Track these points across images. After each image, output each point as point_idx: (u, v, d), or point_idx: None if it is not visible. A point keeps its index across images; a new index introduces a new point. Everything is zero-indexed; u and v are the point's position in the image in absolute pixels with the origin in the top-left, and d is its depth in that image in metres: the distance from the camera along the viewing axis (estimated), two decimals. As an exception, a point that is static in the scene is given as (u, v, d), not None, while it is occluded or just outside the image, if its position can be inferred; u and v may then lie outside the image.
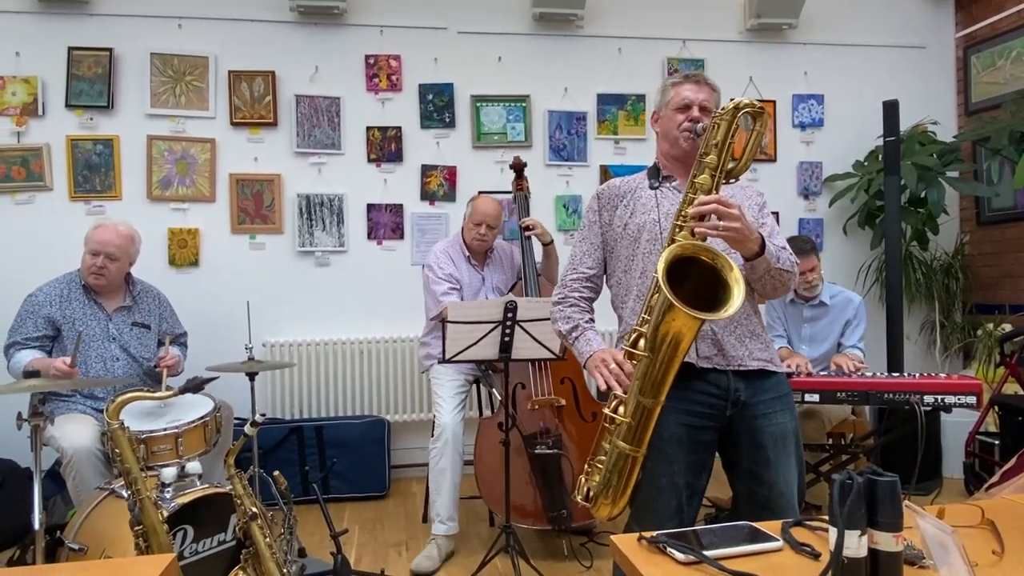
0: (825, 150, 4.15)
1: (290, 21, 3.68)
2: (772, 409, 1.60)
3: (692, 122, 1.67)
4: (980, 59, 4.14)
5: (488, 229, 2.95)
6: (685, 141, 1.68)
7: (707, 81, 1.74)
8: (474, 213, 2.97)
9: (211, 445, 2.40)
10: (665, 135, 1.74)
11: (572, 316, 1.73)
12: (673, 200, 1.66)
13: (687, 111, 1.69)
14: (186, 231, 3.58)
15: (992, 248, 4.12)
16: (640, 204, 1.71)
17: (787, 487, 1.56)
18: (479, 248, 3.01)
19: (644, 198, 1.71)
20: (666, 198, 1.69)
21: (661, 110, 1.77)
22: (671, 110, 1.72)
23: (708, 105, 1.70)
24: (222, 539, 2.11)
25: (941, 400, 2.48)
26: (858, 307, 3.06)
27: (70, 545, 2.00)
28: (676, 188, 1.70)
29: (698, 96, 1.70)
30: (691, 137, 1.66)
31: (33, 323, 2.63)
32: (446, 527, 2.70)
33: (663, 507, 1.54)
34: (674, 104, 1.71)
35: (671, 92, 1.73)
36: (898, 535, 0.96)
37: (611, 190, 1.77)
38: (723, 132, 1.50)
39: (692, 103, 1.69)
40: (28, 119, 3.44)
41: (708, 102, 1.70)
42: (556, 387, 2.82)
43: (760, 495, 1.56)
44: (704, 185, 1.49)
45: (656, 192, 1.71)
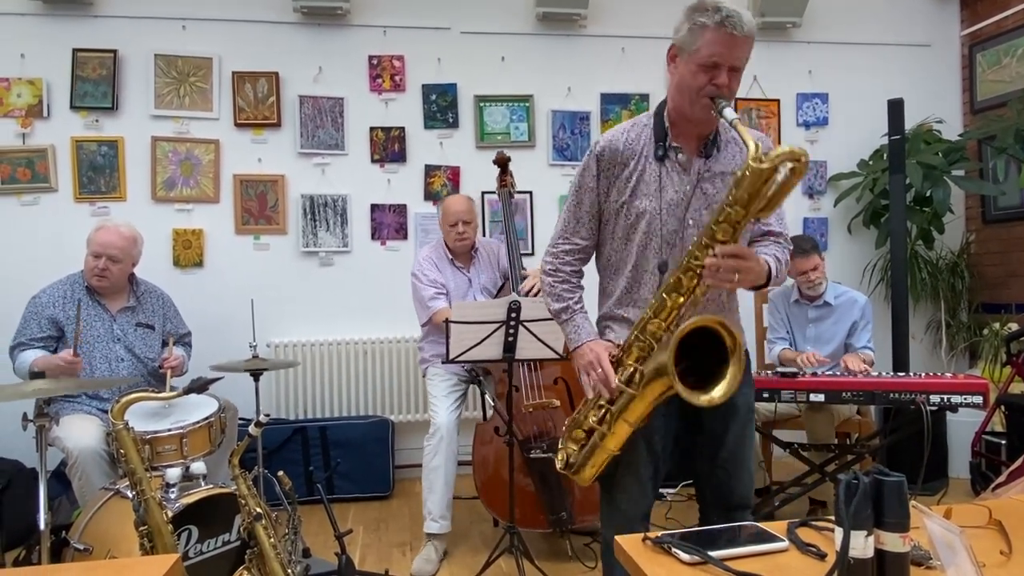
0: (830, 149, 4.14)
1: (293, 22, 3.69)
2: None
3: (716, 87, 1.44)
4: (985, 57, 4.12)
5: (464, 225, 2.90)
6: (702, 109, 1.46)
7: (744, 29, 1.42)
8: (446, 214, 2.93)
9: (215, 445, 2.41)
10: (680, 89, 1.50)
11: (563, 295, 1.66)
12: (677, 186, 1.54)
13: (713, 72, 1.43)
14: (190, 232, 3.59)
15: (998, 247, 4.10)
16: (643, 183, 1.55)
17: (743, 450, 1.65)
18: (462, 248, 2.96)
19: (648, 174, 1.55)
20: (671, 180, 1.54)
21: (682, 52, 1.48)
22: (695, 63, 1.44)
23: (740, 63, 1.45)
24: (226, 539, 2.11)
25: (947, 400, 2.46)
26: (864, 307, 3.04)
27: (75, 545, 2.01)
28: (682, 165, 1.55)
29: (731, 55, 1.43)
30: (709, 108, 1.44)
31: (37, 324, 2.64)
32: (439, 525, 2.70)
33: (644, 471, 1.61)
34: (699, 58, 1.43)
35: (699, 37, 1.43)
36: (905, 535, 0.95)
37: (612, 152, 1.57)
38: (756, 187, 1.32)
39: (722, 64, 1.43)
40: (33, 120, 3.45)
41: (741, 61, 1.44)
42: (549, 388, 2.80)
43: (720, 456, 1.64)
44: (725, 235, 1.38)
45: (661, 168, 1.55)
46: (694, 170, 1.56)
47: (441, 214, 2.99)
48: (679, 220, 1.55)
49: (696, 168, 1.56)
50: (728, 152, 1.59)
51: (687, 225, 1.55)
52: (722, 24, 1.41)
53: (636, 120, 1.63)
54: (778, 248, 1.63)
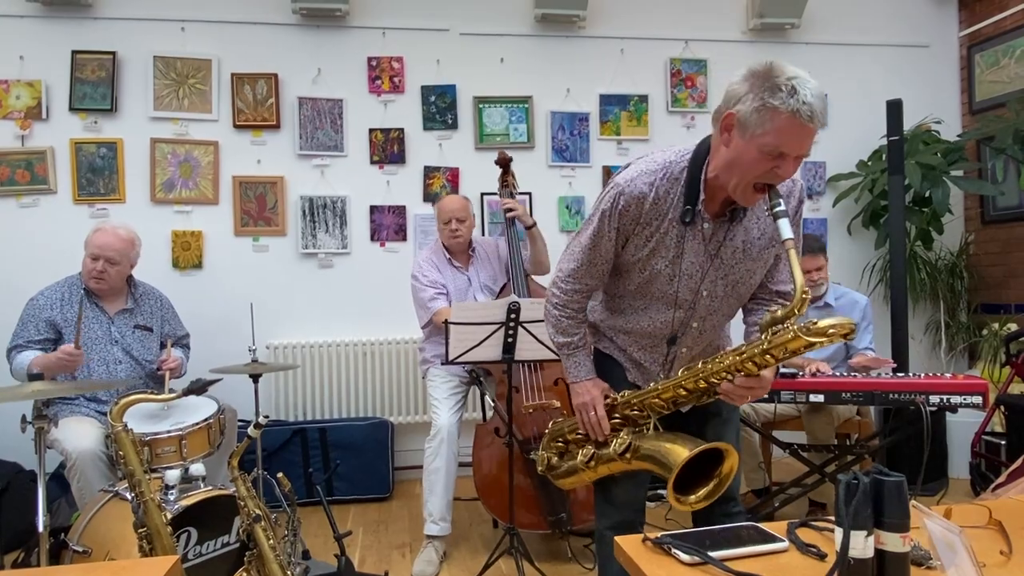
0: (829, 150, 4.13)
1: (292, 23, 3.69)
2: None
3: (777, 175, 1.33)
4: (984, 58, 4.12)
5: (458, 223, 2.92)
6: (750, 197, 1.37)
7: (822, 121, 1.28)
8: (440, 213, 2.96)
9: (215, 447, 2.40)
10: (732, 166, 1.36)
11: (568, 330, 1.65)
12: (697, 249, 1.48)
13: (777, 160, 1.31)
14: (189, 233, 3.58)
15: (997, 247, 4.10)
16: (663, 245, 1.48)
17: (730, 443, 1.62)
18: (457, 246, 2.98)
19: (669, 236, 1.47)
20: (691, 247, 1.48)
21: (746, 132, 1.31)
22: (757, 148, 1.30)
23: (805, 155, 1.35)
24: (226, 541, 2.10)
25: (946, 400, 2.47)
26: (864, 308, 3.04)
27: (74, 547, 2.00)
28: (703, 235, 1.48)
29: (800, 147, 1.31)
30: (762, 198, 1.36)
31: (35, 326, 2.63)
32: (439, 527, 2.69)
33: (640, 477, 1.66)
34: (765, 143, 1.29)
35: (768, 120, 1.28)
36: (905, 535, 0.95)
37: (635, 208, 1.46)
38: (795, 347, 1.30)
39: (787, 155, 1.31)
40: (32, 122, 3.45)
41: (808, 151, 1.35)
42: (549, 388, 2.80)
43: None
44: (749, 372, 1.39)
45: (685, 232, 1.47)
46: (716, 239, 1.49)
47: (436, 212, 3.02)
48: (693, 290, 1.53)
49: (718, 236, 1.49)
50: (752, 215, 1.50)
51: (701, 296, 1.54)
52: (797, 113, 1.25)
53: (668, 168, 1.47)
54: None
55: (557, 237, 3.81)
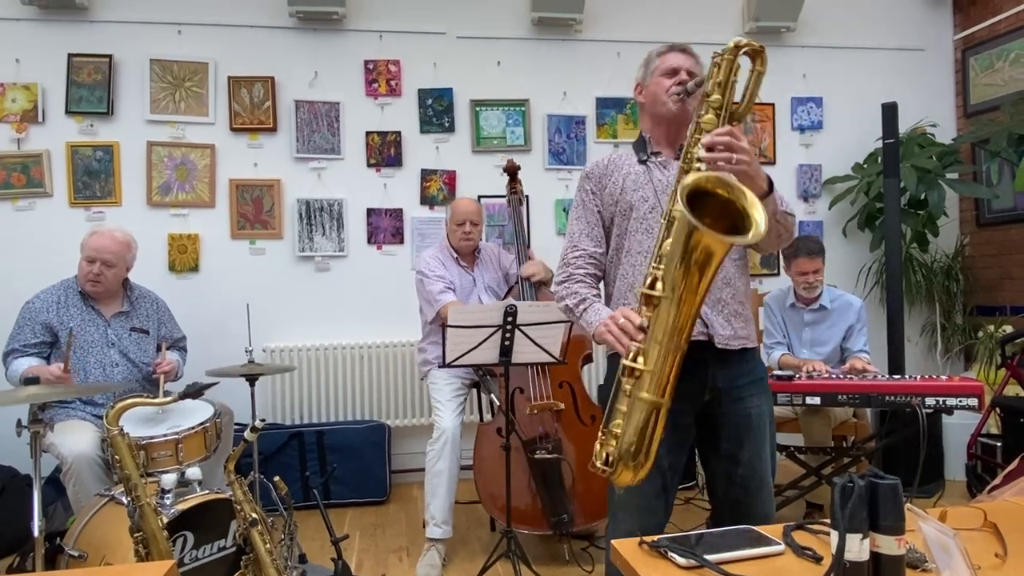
0: (824, 153, 4.15)
1: (289, 27, 3.69)
2: (748, 393, 1.63)
3: (680, 84, 1.64)
4: (978, 61, 4.14)
5: (472, 226, 2.98)
6: (674, 103, 1.65)
7: (691, 51, 1.72)
8: (455, 214, 3.00)
9: (211, 451, 2.40)
10: (652, 102, 1.70)
11: (578, 291, 1.65)
12: (662, 175, 1.66)
13: (675, 75, 1.67)
14: (186, 237, 3.58)
15: (992, 250, 4.11)
16: (630, 180, 1.68)
17: (761, 465, 1.61)
18: (466, 248, 3.03)
19: (633, 174, 1.69)
20: (655, 174, 1.67)
21: (646, 80, 1.73)
22: (657, 76, 1.69)
23: (695, 72, 1.68)
24: (222, 545, 2.09)
25: (942, 402, 2.48)
26: (859, 311, 3.05)
27: (70, 552, 2.00)
28: (663, 163, 1.68)
29: (685, 63, 1.68)
30: (680, 98, 1.63)
31: (31, 330, 2.63)
32: (441, 531, 2.69)
33: (649, 488, 1.53)
34: (660, 70, 1.68)
35: (655, 61, 1.71)
36: (900, 538, 0.96)
37: (599, 169, 1.74)
38: (725, 72, 1.46)
39: (680, 68, 1.67)
40: (28, 126, 3.44)
41: (695, 69, 1.68)
42: (555, 391, 2.81)
43: (737, 474, 1.60)
44: (708, 125, 1.45)
45: (645, 168, 1.69)
46: (673, 167, 1.65)
47: (450, 213, 3.05)
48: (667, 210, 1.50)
49: (675, 165, 1.61)
50: None
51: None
52: (671, 48, 1.70)
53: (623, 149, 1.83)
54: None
55: (554, 240, 3.82)
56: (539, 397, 2.78)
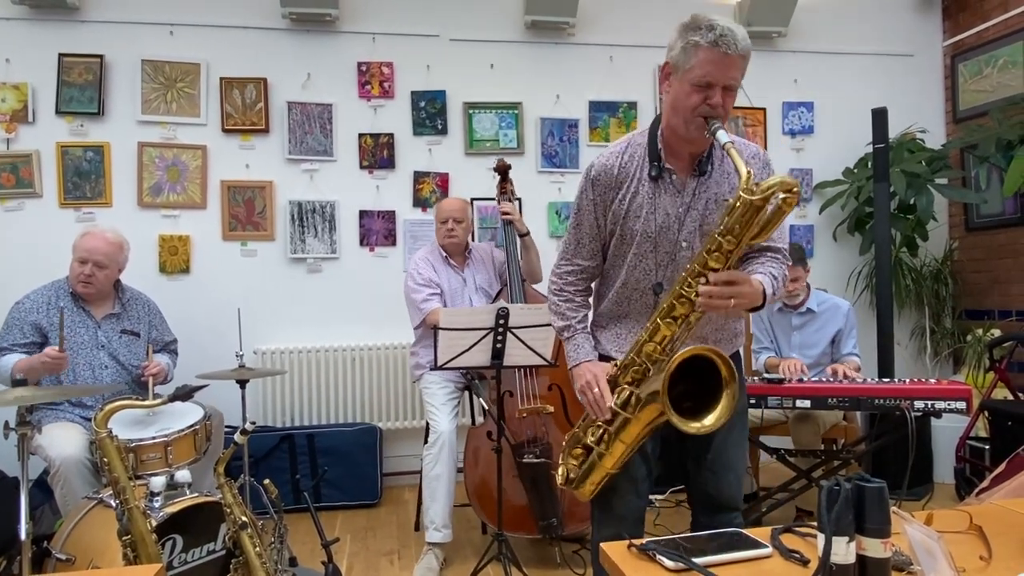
0: (815, 157, 4.17)
1: (282, 28, 3.68)
2: None
3: (710, 107, 1.43)
4: (967, 67, 4.18)
5: (455, 223, 2.98)
6: (696, 129, 1.46)
7: (739, 49, 1.41)
8: (439, 213, 3.04)
9: (201, 453, 2.39)
10: (674, 108, 1.49)
11: (566, 313, 1.69)
12: (668, 207, 1.56)
13: (707, 91, 1.43)
14: (177, 238, 3.56)
15: (981, 254, 4.15)
16: (636, 205, 1.56)
17: (726, 450, 1.66)
18: (452, 247, 3.02)
19: (641, 196, 1.56)
20: (663, 202, 1.56)
21: (677, 71, 1.46)
22: (688, 83, 1.44)
23: (734, 83, 1.44)
24: (212, 548, 2.08)
25: (931, 405, 2.49)
26: (848, 314, 3.05)
27: (57, 555, 1.98)
28: (675, 188, 1.56)
29: (725, 75, 1.42)
30: (704, 127, 1.44)
31: (20, 330, 2.61)
32: (442, 535, 2.68)
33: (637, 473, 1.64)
34: (693, 77, 1.42)
35: (693, 56, 1.42)
36: (886, 541, 0.97)
37: (606, 176, 1.58)
38: (749, 215, 1.34)
39: (715, 85, 1.42)
40: (18, 126, 3.42)
41: (735, 80, 1.44)
42: (544, 394, 2.80)
43: (705, 458, 1.66)
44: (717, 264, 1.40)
45: (654, 189, 1.56)
46: (688, 191, 1.56)
47: (435, 213, 3.08)
48: (672, 242, 1.57)
49: (690, 189, 1.56)
50: (722, 170, 1.58)
51: (680, 247, 1.57)
52: (716, 44, 1.40)
53: (631, 139, 1.62)
54: (775, 265, 1.59)
55: (547, 243, 3.81)
56: (528, 400, 2.77)
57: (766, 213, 1.35)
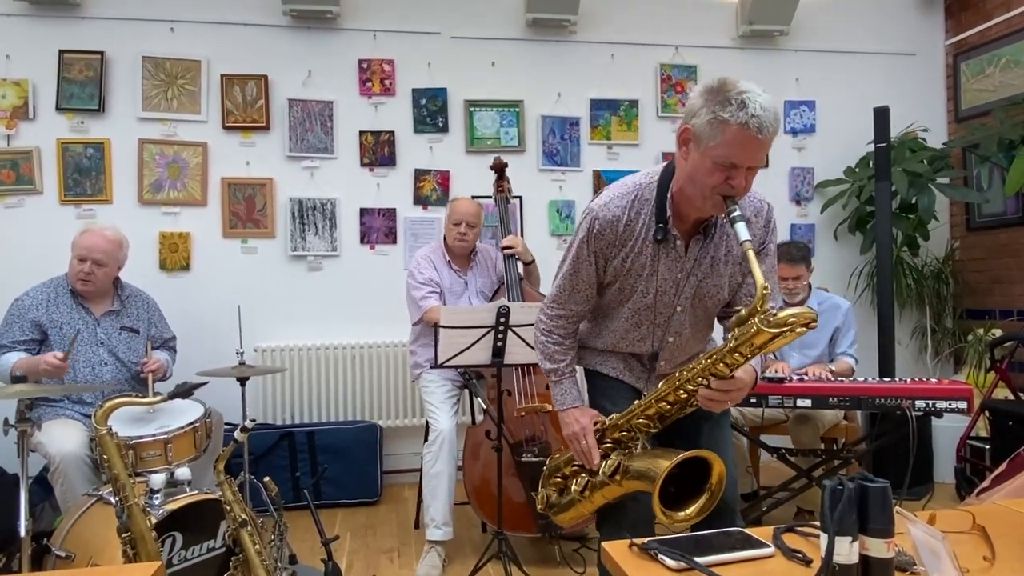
0: (817, 156, 4.16)
1: (283, 25, 3.67)
2: None
3: (732, 187, 1.37)
4: (969, 67, 4.16)
5: (468, 228, 2.94)
6: (713, 207, 1.41)
7: (771, 132, 1.33)
8: (452, 213, 2.97)
9: (201, 451, 2.39)
10: (692, 179, 1.42)
11: (555, 357, 1.69)
12: (671, 268, 1.54)
13: (730, 171, 1.36)
14: (177, 235, 3.55)
15: (982, 254, 4.14)
16: (639, 263, 1.53)
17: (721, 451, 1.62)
18: (461, 250, 2.99)
19: (643, 257, 1.53)
20: (664, 264, 1.53)
21: (700, 143, 1.37)
22: (711, 159, 1.36)
23: (759, 164, 1.39)
24: (211, 546, 2.08)
25: (932, 405, 2.48)
26: (846, 313, 3.04)
27: (57, 552, 1.98)
28: (678, 251, 1.53)
29: (753, 159, 1.36)
30: (722, 207, 1.39)
31: (19, 327, 2.61)
32: (442, 532, 2.67)
33: None
34: (717, 155, 1.35)
35: (720, 133, 1.33)
36: (889, 541, 0.96)
37: (610, 232, 1.52)
38: (760, 342, 1.32)
39: (740, 167, 1.35)
40: (18, 122, 3.41)
41: (761, 161, 1.39)
42: (542, 393, 2.79)
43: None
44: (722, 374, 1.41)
45: (658, 251, 1.52)
46: (689, 257, 1.55)
47: (448, 212, 3.02)
48: (668, 306, 1.59)
49: (691, 255, 1.55)
50: (722, 232, 1.55)
51: (675, 311, 1.60)
52: (747, 126, 1.31)
53: (638, 190, 1.53)
54: None
55: (548, 241, 3.82)
56: (526, 399, 2.77)
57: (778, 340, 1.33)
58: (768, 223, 1.58)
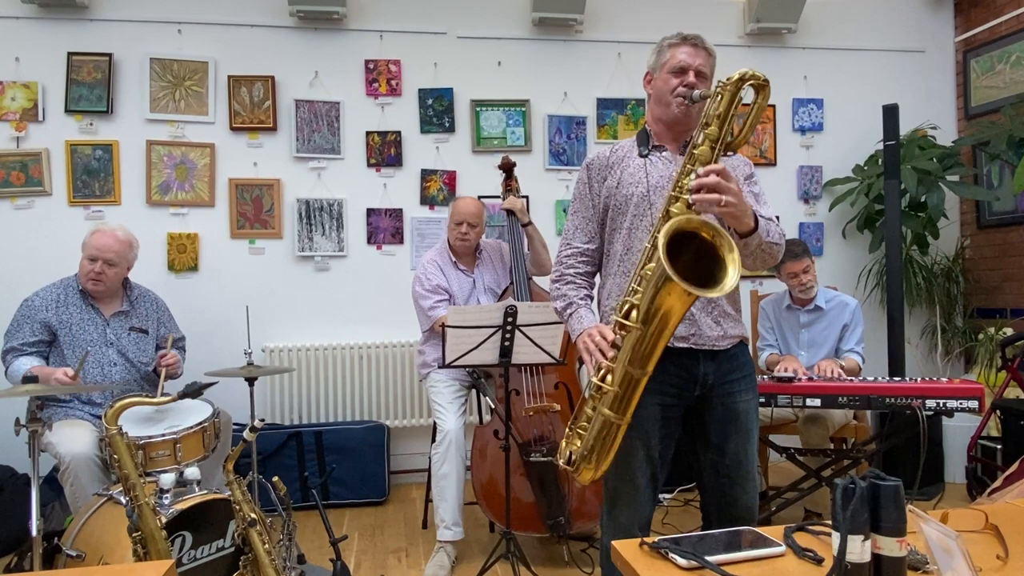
0: (825, 154, 4.14)
1: (290, 26, 3.68)
2: (737, 388, 1.67)
3: (687, 87, 1.61)
4: (979, 63, 4.14)
5: (469, 227, 2.93)
6: (678, 107, 1.63)
7: (704, 44, 1.66)
8: (454, 213, 2.97)
9: (210, 451, 2.39)
10: (658, 98, 1.69)
11: (567, 294, 1.73)
12: (662, 170, 1.66)
13: (682, 75, 1.63)
14: (185, 236, 3.57)
15: (992, 252, 4.11)
16: (628, 174, 1.68)
17: (746, 457, 1.67)
18: (463, 249, 2.99)
19: (632, 167, 1.69)
20: (655, 168, 1.67)
21: (656, 71, 1.69)
22: (665, 72, 1.65)
23: (704, 70, 1.65)
24: (221, 545, 2.08)
25: (943, 404, 2.46)
26: (854, 311, 3.03)
27: (68, 552, 1.99)
28: (666, 159, 1.68)
29: (695, 61, 1.63)
30: (684, 103, 1.61)
31: (30, 328, 2.62)
32: (452, 532, 2.67)
33: (642, 478, 1.64)
34: (669, 66, 1.65)
35: (667, 53, 1.66)
36: (902, 540, 0.95)
37: (600, 160, 1.73)
38: (726, 103, 1.48)
39: (688, 67, 1.63)
40: (27, 124, 3.43)
41: (704, 67, 1.65)
42: (551, 392, 2.79)
43: (723, 465, 1.67)
44: (703, 157, 1.49)
45: (645, 161, 1.68)
46: (678, 162, 1.63)
47: (450, 211, 3.01)
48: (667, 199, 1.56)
49: (681, 161, 1.61)
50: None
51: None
52: (684, 40, 1.66)
53: (625, 140, 1.77)
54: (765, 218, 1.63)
55: (555, 240, 3.75)
56: (535, 398, 2.76)
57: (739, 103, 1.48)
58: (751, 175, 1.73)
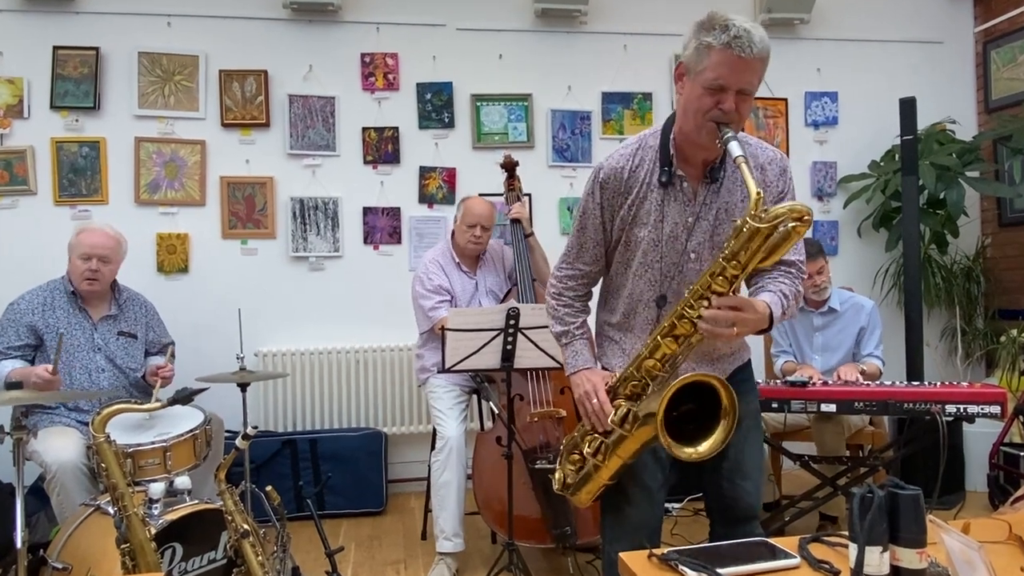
0: (840, 149, 4.08)
1: (283, 18, 3.63)
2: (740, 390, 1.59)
3: (722, 112, 1.39)
4: (1000, 55, 4.07)
5: (483, 231, 2.90)
6: (707, 135, 1.41)
7: (756, 52, 1.36)
8: (467, 214, 2.91)
9: (201, 459, 2.39)
10: (686, 111, 1.45)
11: (565, 319, 1.69)
12: (679, 211, 1.53)
13: (720, 95, 1.38)
14: (175, 236, 3.52)
15: (1015, 251, 4.04)
16: (644, 210, 1.54)
17: (745, 459, 1.65)
18: (473, 251, 2.95)
19: (649, 203, 1.53)
20: (672, 210, 1.53)
21: (689, 72, 1.42)
22: (700, 85, 1.40)
23: (749, 88, 1.40)
24: (212, 557, 2.07)
25: (963, 410, 2.42)
26: (871, 313, 3.00)
27: (54, 564, 1.97)
28: (684, 198, 1.53)
29: (739, 79, 1.38)
30: (715, 133, 1.39)
31: (15, 332, 2.60)
32: (452, 544, 2.63)
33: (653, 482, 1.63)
34: (704, 80, 1.38)
35: (706, 58, 1.38)
36: (921, 551, 0.95)
37: (615, 181, 1.55)
38: (758, 241, 1.30)
39: (729, 88, 1.38)
40: (12, 121, 3.39)
41: (751, 85, 1.40)
42: (556, 398, 2.74)
43: (722, 467, 1.64)
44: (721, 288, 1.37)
45: (663, 195, 1.53)
46: (698, 200, 1.54)
47: (462, 212, 2.95)
48: (679, 252, 1.56)
49: (700, 198, 1.54)
50: (734, 178, 1.54)
51: (688, 258, 1.56)
52: (729, 46, 1.36)
53: (642, 140, 1.58)
54: (787, 281, 1.55)
55: (558, 240, 3.72)
56: (540, 404, 2.72)
57: (774, 238, 1.31)
58: (783, 172, 1.58)
